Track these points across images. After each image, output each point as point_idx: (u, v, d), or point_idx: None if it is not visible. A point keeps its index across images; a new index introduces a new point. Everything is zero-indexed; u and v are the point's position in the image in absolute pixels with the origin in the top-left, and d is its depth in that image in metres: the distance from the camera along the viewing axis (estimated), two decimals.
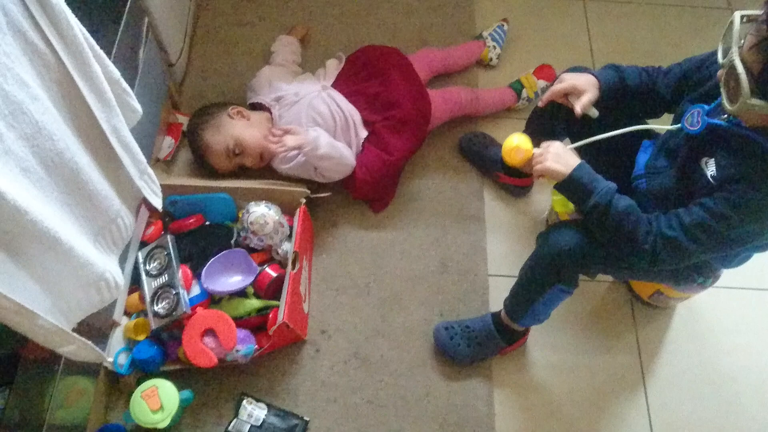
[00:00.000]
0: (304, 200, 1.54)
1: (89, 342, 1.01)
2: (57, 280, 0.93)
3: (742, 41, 0.94)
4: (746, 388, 1.53)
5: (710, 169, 1.06)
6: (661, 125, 1.25)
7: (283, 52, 1.82)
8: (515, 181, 1.69)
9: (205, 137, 1.58)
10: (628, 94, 1.29)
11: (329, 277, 1.59)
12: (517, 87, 1.84)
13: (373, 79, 1.67)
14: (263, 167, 1.65)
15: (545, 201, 1.71)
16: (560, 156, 1.20)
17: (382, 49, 1.76)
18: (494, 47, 1.92)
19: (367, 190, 1.63)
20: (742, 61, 0.93)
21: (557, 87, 1.27)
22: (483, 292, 1.59)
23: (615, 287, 1.63)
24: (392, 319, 1.55)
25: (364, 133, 1.64)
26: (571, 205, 1.25)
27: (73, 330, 1.03)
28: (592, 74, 1.28)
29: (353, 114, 1.63)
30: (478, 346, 1.47)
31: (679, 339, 1.58)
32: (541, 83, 1.84)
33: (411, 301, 1.57)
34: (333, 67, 1.75)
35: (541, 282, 1.30)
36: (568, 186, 1.18)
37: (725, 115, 1.06)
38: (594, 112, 1.25)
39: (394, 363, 1.49)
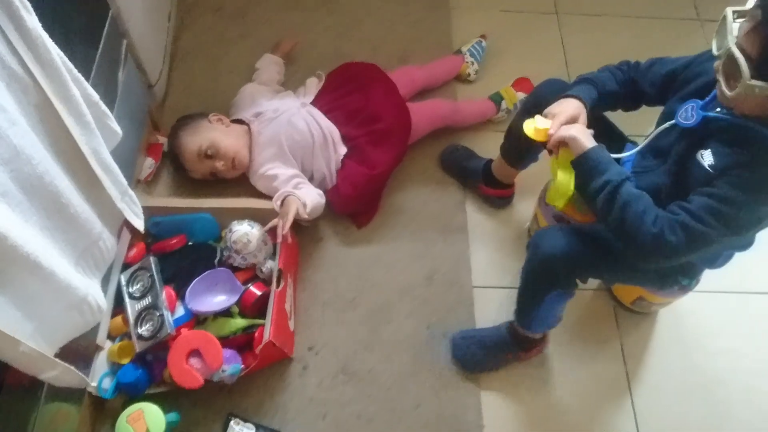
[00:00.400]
0: None
1: (72, 367, 1.00)
2: (38, 304, 0.93)
3: (736, 33, 0.98)
4: (732, 390, 1.54)
5: (707, 160, 1.08)
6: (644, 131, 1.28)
7: (267, 71, 1.83)
8: (497, 192, 1.71)
9: (181, 137, 1.60)
10: (610, 100, 1.32)
11: (315, 293, 1.59)
12: (497, 99, 1.86)
13: (354, 94, 1.68)
14: (240, 178, 1.66)
15: (527, 211, 1.73)
16: (585, 131, 1.21)
17: (361, 65, 1.78)
18: (472, 63, 1.95)
19: (351, 204, 1.64)
20: (739, 48, 0.97)
21: (559, 135, 1.23)
22: (469, 304, 1.60)
23: (598, 295, 1.64)
24: (379, 332, 1.55)
25: (342, 150, 1.65)
26: (567, 193, 1.25)
27: (56, 355, 1.02)
28: (573, 95, 1.28)
29: (332, 131, 1.64)
30: (492, 355, 1.49)
31: (664, 344, 1.59)
32: (520, 95, 1.86)
33: (398, 314, 1.58)
34: (313, 85, 1.76)
35: (538, 289, 1.32)
36: (586, 160, 1.17)
37: (718, 109, 1.08)
38: None
39: (382, 376, 1.49)
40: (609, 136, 1.35)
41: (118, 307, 1.44)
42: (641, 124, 1.39)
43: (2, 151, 0.81)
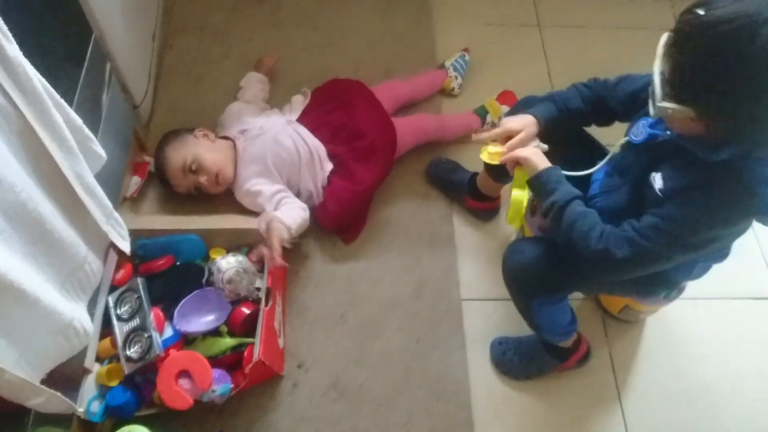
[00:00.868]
0: None
1: (58, 393, 0.99)
2: (23, 331, 0.92)
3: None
4: (719, 396, 1.56)
5: (657, 182, 1.10)
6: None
7: (251, 88, 1.84)
8: (483, 205, 1.72)
9: (166, 151, 1.61)
10: (576, 117, 1.34)
11: (304, 310, 1.59)
12: (482, 112, 1.88)
13: (339, 110, 1.69)
14: (226, 194, 1.67)
15: None
16: (538, 153, 1.25)
17: (345, 82, 1.80)
18: (456, 77, 1.96)
19: (338, 221, 1.65)
20: (661, 70, 0.99)
21: (493, 132, 1.32)
22: (458, 316, 1.61)
23: (586, 305, 1.65)
24: (369, 347, 1.55)
25: (329, 167, 1.66)
26: (520, 212, 1.30)
27: (43, 380, 1.02)
28: (530, 112, 1.32)
29: (318, 148, 1.65)
30: (529, 363, 1.51)
31: (651, 351, 1.60)
32: (505, 108, 1.88)
33: (387, 329, 1.58)
34: (298, 102, 1.77)
35: (517, 299, 1.34)
36: (537, 180, 1.22)
37: (668, 130, 1.10)
38: (542, 147, 1.29)
39: (372, 392, 1.49)
40: (590, 152, 1.37)
41: (106, 329, 1.43)
42: None
43: None
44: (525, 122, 1.31)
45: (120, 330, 1.40)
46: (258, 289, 1.48)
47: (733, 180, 1.01)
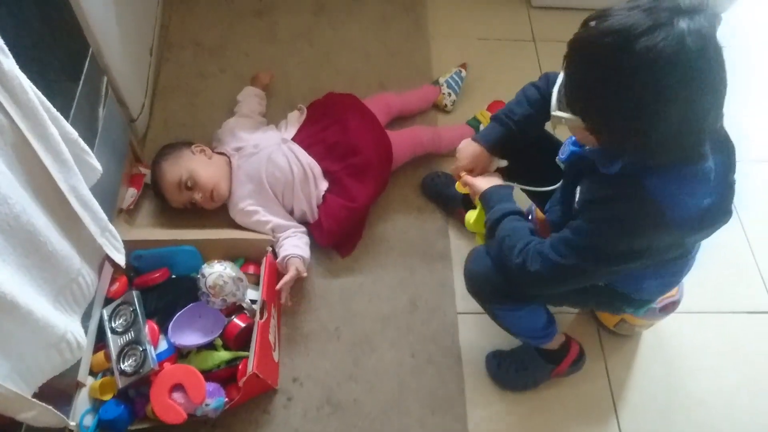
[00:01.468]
0: (270, 248, 1.54)
1: (50, 407, 0.99)
2: (16, 344, 0.92)
3: None
4: (715, 409, 1.55)
5: (577, 196, 1.13)
6: None
7: (248, 102, 1.85)
8: None
9: (162, 166, 1.62)
10: (528, 124, 1.37)
11: (298, 324, 1.59)
12: (474, 123, 1.89)
13: (333, 127, 1.70)
14: (217, 210, 1.68)
15: None
16: (487, 178, 1.35)
17: (339, 97, 1.81)
18: (449, 94, 1.97)
19: (333, 238, 1.65)
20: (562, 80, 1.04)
21: (453, 168, 1.45)
22: (453, 330, 1.60)
23: (582, 319, 1.65)
24: (364, 362, 1.55)
25: (324, 186, 1.66)
26: (479, 230, 1.40)
27: (36, 393, 1.01)
28: (475, 139, 1.42)
29: (313, 167, 1.65)
30: (525, 371, 1.51)
31: (647, 365, 1.60)
32: None
33: (381, 343, 1.57)
34: (294, 119, 1.77)
35: (480, 304, 1.38)
36: (482, 199, 1.31)
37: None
38: (501, 164, 1.36)
39: (367, 406, 1.49)
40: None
41: (100, 342, 1.43)
42: None
43: None
44: (472, 154, 1.39)
45: (114, 343, 1.40)
46: (253, 301, 1.48)
47: (634, 191, 1.00)
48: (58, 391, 1.25)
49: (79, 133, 1.12)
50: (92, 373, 1.41)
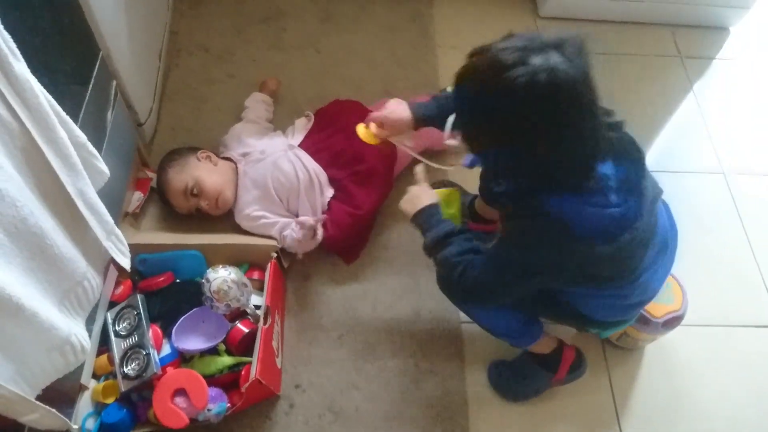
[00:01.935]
0: (275, 254, 1.54)
1: (53, 410, 0.99)
2: (20, 346, 0.92)
3: None
4: (719, 423, 1.54)
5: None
6: None
7: (255, 108, 1.86)
8: (482, 227, 1.73)
9: (168, 173, 1.63)
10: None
11: (302, 330, 1.59)
12: None
13: (338, 134, 1.70)
14: (223, 215, 1.68)
15: None
16: (413, 197, 1.36)
17: (344, 104, 1.81)
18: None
19: (338, 245, 1.65)
20: None
21: (373, 115, 1.44)
22: (457, 340, 1.60)
23: None
24: (366, 370, 1.54)
25: (329, 193, 1.66)
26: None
27: (39, 396, 1.01)
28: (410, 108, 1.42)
29: (319, 174, 1.65)
30: (524, 380, 1.51)
31: (651, 377, 1.59)
32: None
33: (385, 352, 1.57)
34: (302, 125, 1.78)
35: (458, 306, 1.43)
36: (413, 223, 1.35)
37: None
38: (407, 143, 1.39)
39: (369, 415, 1.48)
40: None
41: (104, 345, 1.43)
42: None
43: None
44: (399, 118, 1.41)
45: (118, 347, 1.40)
46: (257, 307, 1.48)
47: (539, 209, 1.05)
48: (61, 394, 1.25)
49: (88, 136, 1.13)
50: (95, 376, 1.41)
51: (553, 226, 1.04)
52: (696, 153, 2.04)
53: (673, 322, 1.45)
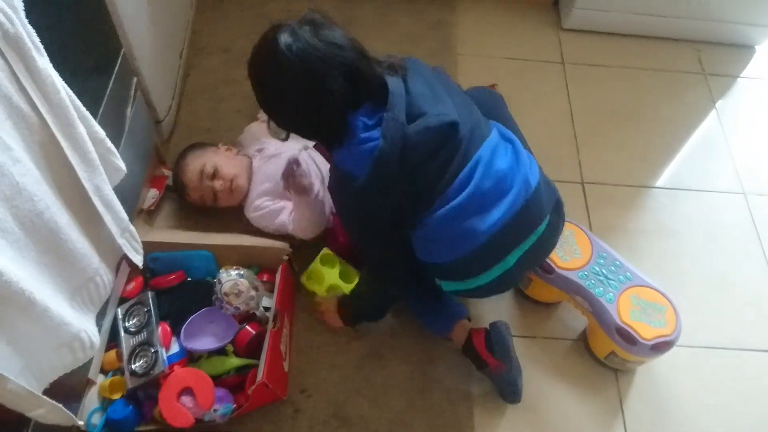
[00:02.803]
0: (286, 257, 1.54)
1: (60, 405, 0.99)
2: (30, 341, 0.92)
3: None
4: None
5: None
6: None
7: None
8: None
9: (187, 156, 1.65)
10: None
11: (310, 335, 1.58)
12: None
13: None
14: (236, 217, 1.68)
15: None
16: (331, 317, 1.54)
17: None
18: None
19: (346, 246, 1.64)
20: None
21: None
22: None
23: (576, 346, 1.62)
24: (373, 377, 1.53)
25: None
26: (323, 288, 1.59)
27: (46, 389, 1.01)
28: None
29: None
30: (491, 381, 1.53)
31: (662, 399, 1.56)
32: None
33: (391, 359, 1.56)
34: None
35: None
36: (354, 315, 1.52)
37: None
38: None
39: (374, 423, 1.47)
40: None
41: (113, 341, 1.43)
42: None
43: (4, 188, 0.82)
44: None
45: (126, 343, 1.40)
46: (266, 309, 1.48)
47: (333, 165, 1.25)
48: (68, 388, 1.25)
49: (106, 132, 1.13)
50: (103, 371, 1.42)
51: (342, 176, 1.22)
52: (717, 172, 2.01)
53: (662, 346, 1.42)
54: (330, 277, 1.59)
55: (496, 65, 2.16)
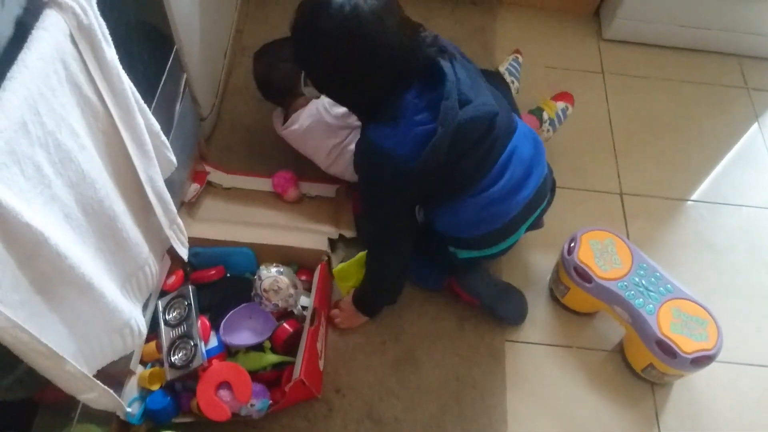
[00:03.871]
0: (325, 258, 1.55)
1: (110, 390, 1.00)
2: (85, 325, 0.94)
3: None
4: None
5: None
6: None
7: None
8: None
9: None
10: None
11: (346, 334, 1.58)
12: (537, 112, 1.83)
13: None
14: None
15: (549, 264, 1.71)
16: (348, 317, 1.56)
17: None
18: (512, 82, 1.91)
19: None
20: None
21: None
22: (499, 355, 1.58)
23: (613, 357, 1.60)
24: (407, 379, 1.53)
25: None
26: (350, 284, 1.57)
27: (93, 377, 1.03)
28: None
29: None
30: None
31: (700, 414, 1.54)
32: (560, 105, 1.84)
33: (426, 362, 1.56)
34: None
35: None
36: (368, 305, 1.56)
37: None
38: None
39: (407, 425, 1.47)
40: None
41: (152, 332, 1.45)
42: None
43: (71, 174, 0.84)
44: None
45: (166, 335, 1.42)
46: (304, 308, 1.49)
47: (362, 141, 1.25)
48: (110, 376, 1.27)
49: (159, 126, 1.15)
50: (142, 362, 1.43)
51: (375, 153, 1.21)
52: (758, 187, 1.97)
53: (702, 360, 1.39)
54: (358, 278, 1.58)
55: (535, 72, 2.15)
